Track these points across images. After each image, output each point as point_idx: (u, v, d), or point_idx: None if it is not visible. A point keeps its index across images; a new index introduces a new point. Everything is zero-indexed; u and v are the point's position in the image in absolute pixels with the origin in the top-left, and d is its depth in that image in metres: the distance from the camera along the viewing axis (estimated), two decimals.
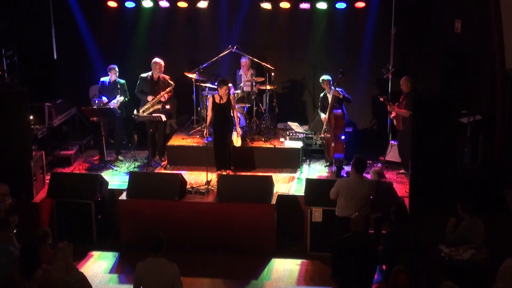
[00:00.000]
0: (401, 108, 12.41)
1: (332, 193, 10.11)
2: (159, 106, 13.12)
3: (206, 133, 12.47)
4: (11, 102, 11.25)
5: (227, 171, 12.35)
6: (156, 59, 13.13)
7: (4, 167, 11.25)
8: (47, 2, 14.26)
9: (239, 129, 12.58)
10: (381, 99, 12.80)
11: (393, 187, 11.82)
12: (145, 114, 13.03)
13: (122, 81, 13.38)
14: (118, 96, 13.19)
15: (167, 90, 13.08)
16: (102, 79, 13.42)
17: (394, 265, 8.07)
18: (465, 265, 8.71)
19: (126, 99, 13.37)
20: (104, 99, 13.18)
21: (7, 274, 8.23)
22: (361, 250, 8.48)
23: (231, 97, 12.23)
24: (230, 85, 12.55)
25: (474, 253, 8.79)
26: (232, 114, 12.34)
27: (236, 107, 12.54)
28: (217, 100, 12.19)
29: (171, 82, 13.19)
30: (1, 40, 13.47)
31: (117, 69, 13.29)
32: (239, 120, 12.91)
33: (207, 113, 12.43)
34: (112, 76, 13.28)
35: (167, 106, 13.25)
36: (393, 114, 12.67)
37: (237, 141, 12.60)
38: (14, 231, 9.00)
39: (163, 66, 13.15)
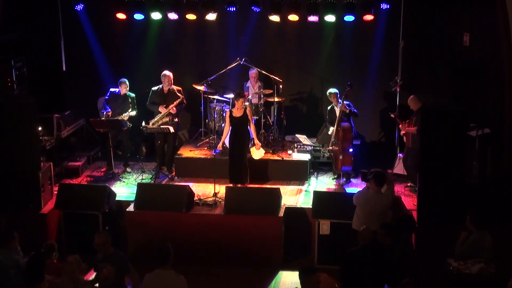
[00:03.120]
0: (411, 125, 12.37)
1: (354, 200, 10.11)
2: (167, 119, 13.14)
3: (220, 146, 12.48)
4: (20, 113, 11.29)
5: (242, 185, 12.34)
6: (165, 72, 13.18)
7: (12, 178, 11.29)
8: (57, 14, 14.34)
9: (257, 141, 12.58)
10: (392, 115, 12.80)
11: (401, 200, 11.80)
12: (154, 126, 13.07)
13: (133, 94, 13.44)
14: (129, 110, 13.24)
15: (175, 103, 13.10)
16: (112, 89, 13.46)
17: (401, 278, 8.03)
18: (473, 279, 8.65)
19: (137, 113, 13.42)
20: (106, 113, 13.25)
21: (15, 284, 8.25)
22: (369, 263, 8.45)
23: (247, 111, 12.24)
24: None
25: (482, 267, 8.73)
26: (248, 128, 12.34)
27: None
28: (234, 114, 12.21)
29: (180, 95, 13.20)
30: (11, 51, 13.53)
31: (127, 83, 13.32)
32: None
33: (224, 127, 12.48)
34: (122, 90, 13.32)
35: (176, 119, 13.27)
36: (403, 132, 12.65)
37: (255, 153, 12.60)
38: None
39: (172, 78, 13.18)
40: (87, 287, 8.07)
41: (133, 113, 13.30)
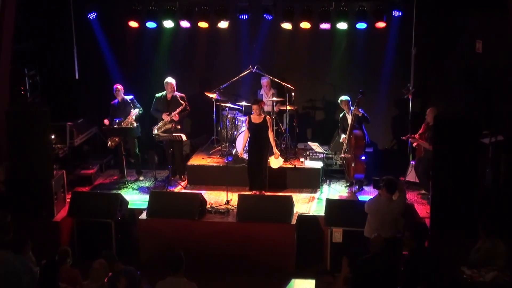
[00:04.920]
0: (423, 138, 12.31)
1: (365, 208, 10.05)
2: (170, 126, 13.18)
3: (241, 153, 12.57)
4: (33, 121, 11.36)
5: (261, 192, 12.37)
6: (168, 79, 13.23)
7: (25, 186, 11.35)
8: (70, 23, 14.41)
9: (276, 150, 12.56)
10: (404, 138, 12.73)
11: (414, 208, 11.74)
12: (158, 132, 13.11)
13: (130, 96, 13.49)
14: (132, 109, 13.29)
15: (178, 110, 13.14)
16: (112, 102, 13.53)
17: (415, 287, 8.00)
18: (487, 287, 8.60)
19: (140, 111, 13.48)
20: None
21: None
22: (380, 271, 8.42)
23: (267, 118, 12.27)
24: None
25: (496, 275, 8.67)
26: (268, 135, 12.31)
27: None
28: (252, 120, 12.24)
29: (182, 102, 13.22)
30: (24, 60, 13.62)
31: (120, 87, 13.43)
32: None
33: (244, 134, 12.53)
34: (118, 96, 13.38)
35: (178, 126, 13.29)
36: (415, 144, 12.61)
37: (273, 162, 12.60)
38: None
39: (175, 85, 13.23)
40: None
41: (136, 111, 13.34)
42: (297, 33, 14.22)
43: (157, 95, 13.42)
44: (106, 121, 13.45)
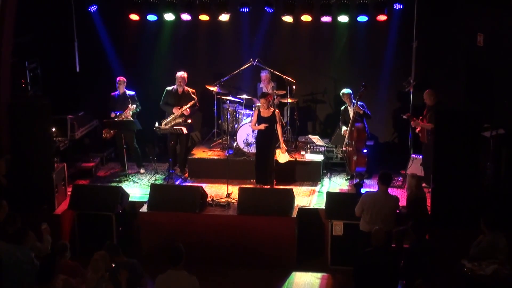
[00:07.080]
0: (425, 121, 12.34)
1: (357, 210, 10.00)
2: (181, 120, 13.14)
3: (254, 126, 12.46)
4: (34, 114, 11.35)
5: (268, 186, 12.39)
6: (178, 73, 13.16)
7: (26, 179, 11.36)
8: (70, 16, 14.40)
9: (283, 145, 12.56)
10: (405, 116, 12.72)
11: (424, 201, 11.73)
12: (167, 126, 13.08)
13: (132, 92, 13.46)
14: (129, 105, 13.25)
15: (189, 104, 13.11)
16: (112, 94, 13.51)
17: (415, 279, 8.01)
18: (487, 280, 8.61)
19: (138, 109, 13.44)
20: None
21: (29, 281, 8.31)
22: (382, 264, 8.43)
23: (276, 112, 12.25)
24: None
25: (497, 269, 8.69)
26: (276, 129, 12.31)
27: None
28: (261, 114, 12.24)
29: (194, 97, 13.20)
30: (25, 53, 13.60)
31: (124, 80, 13.38)
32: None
33: (252, 121, 12.51)
34: (120, 88, 13.35)
35: (189, 121, 13.26)
36: (418, 129, 12.60)
37: (281, 157, 12.60)
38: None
39: (185, 78, 13.17)
40: (107, 284, 8.10)
41: (133, 106, 13.28)
42: (298, 26, 14.19)
43: (167, 88, 13.33)
44: (112, 114, 13.38)
